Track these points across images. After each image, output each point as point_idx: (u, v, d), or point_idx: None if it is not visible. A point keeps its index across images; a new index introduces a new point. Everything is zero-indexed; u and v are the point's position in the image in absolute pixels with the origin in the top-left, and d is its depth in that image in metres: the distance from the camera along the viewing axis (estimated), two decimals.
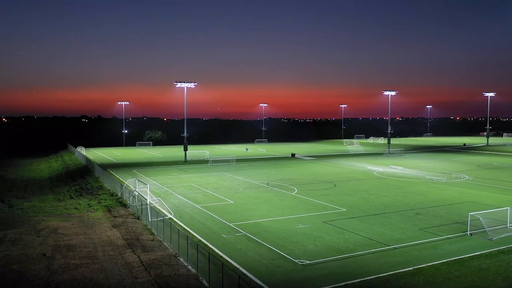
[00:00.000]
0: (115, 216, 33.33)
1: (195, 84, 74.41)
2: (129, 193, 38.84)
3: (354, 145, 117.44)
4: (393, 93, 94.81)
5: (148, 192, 37.73)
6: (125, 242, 26.29)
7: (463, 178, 54.02)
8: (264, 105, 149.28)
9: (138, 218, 32.46)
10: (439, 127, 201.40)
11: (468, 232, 27.85)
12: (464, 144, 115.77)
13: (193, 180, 52.41)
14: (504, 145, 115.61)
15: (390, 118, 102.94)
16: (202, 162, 73.77)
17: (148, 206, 32.44)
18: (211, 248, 24.76)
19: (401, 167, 64.41)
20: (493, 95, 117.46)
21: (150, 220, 30.44)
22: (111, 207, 36.90)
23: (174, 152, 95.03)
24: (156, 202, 36.96)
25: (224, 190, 45.30)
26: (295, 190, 44.74)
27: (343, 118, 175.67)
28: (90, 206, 37.85)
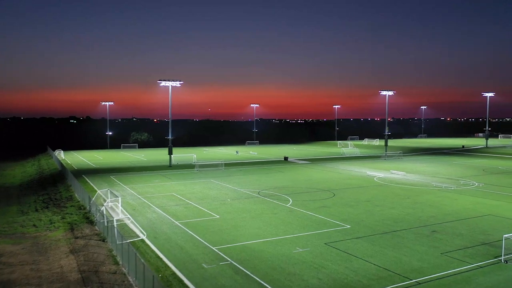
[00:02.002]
0: (77, 237, 27.91)
1: (181, 82, 69.00)
2: (99, 207, 33.39)
3: (349, 147, 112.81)
4: (390, 93, 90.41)
5: (120, 206, 32.36)
6: (80, 276, 20.94)
7: (472, 185, 49.42)
8: (255, 105, 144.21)
9: (103, 240, 27.08)
10: (431, 128, 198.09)
11: (503, 259, 22.98)
12: (463, 146, 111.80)
13: (176, 189, 47.05)
14: (504, 147, 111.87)
15: (382, 119, 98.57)
16: (189, 167, 68.35)
17: (116, 226, 27.09)
18: (187, 286, 19.54)
19: (403, 172, 59.68)
20: (493, 95, 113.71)
21: (117, 242, 25.12)
22: (75, 224, 31.43)
23: (160, 155, 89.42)
24: (128, 219, 31.60)
25: (210, 201, 40.03)
26: (290, 201, 39.63)
27: (335, 119, 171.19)
28: (51, 223, 32.34)
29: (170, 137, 69.85)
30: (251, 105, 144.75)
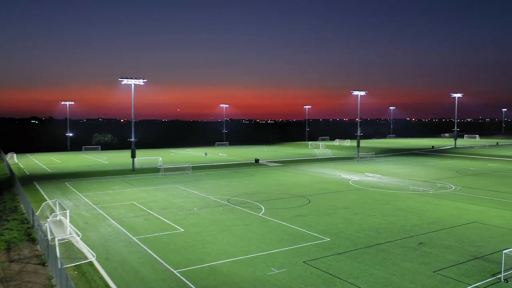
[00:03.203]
0: (12, 260, 23.51)
1: (144, 80, 64.41)
2: (46, 221, 28.91)
3: (320, 148, 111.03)
4: (362, 93, 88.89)
5: (68, 221, 28.07)
6: None
7: (449, 188, 47.77)
8: (225, 106, 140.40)
9: (43, 264, 22.84)
10: (398, 128, 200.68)
11: (502, 277, 20.49)
12: (433, 147, 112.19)
13: (137, 196, 42.83)
14: (472, 147, 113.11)
15: (351, 120, 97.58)
16: (153, 170, 63.91)
17: (57, 247, 22.93)
18: None
19: (378, 175, 57.65)
20: (461, 95, 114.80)
21: (59, 267, 21.00)
22: (14, 243, 26.90)
23: (123, 158, 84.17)
24: (77, 235, 27.38)
25: (174, 210, 36.17)
26: (262, 210, 36.33)
27: (306, 120, 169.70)
28: None
29: (133, 139, 65.15)
30: (221, 105, 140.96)
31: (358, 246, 25.83)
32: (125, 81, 63.73)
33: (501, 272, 20.80)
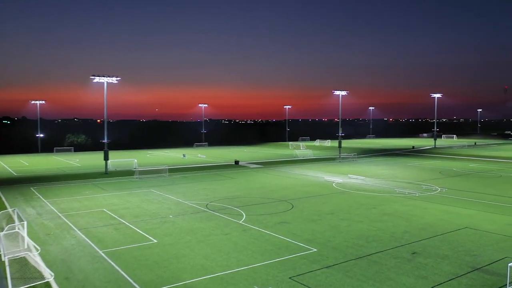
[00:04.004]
0: None
1: (118, 78, 61.03)
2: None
3: (301, 148, 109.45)
4: (344, 92, 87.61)
5: (25, 235, 25.02)
6: None
7: (435, 190, 46.49)
8: (204, 105, 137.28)
9: None
10: (377, 128, 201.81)
11: None
12: (413, 147, 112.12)
13: (108, 202, 39.81)
14: (451, 147, 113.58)
15: (329, 120, 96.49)
16: (128, 173, 60.70)
17: (7, 266, 20.00)
18: None
19: (362, 177, 56.06)
20: (440, 96, 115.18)
21: None
22: None
23: (97, 160, 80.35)
24: (35, 251, 24.40)
25: (148, 218, 33.42)
26: (243, 216, 33.97)
27: (285, 120, 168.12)
28: None
29: (105, 140, 61.70)
30: (199, 105, 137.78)
31: (347, 258, 23.75)
32: (97, 79, 60.22)
33: (505, 285, 19.06)
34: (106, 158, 61.15)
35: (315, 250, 25.18)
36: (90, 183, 52.53)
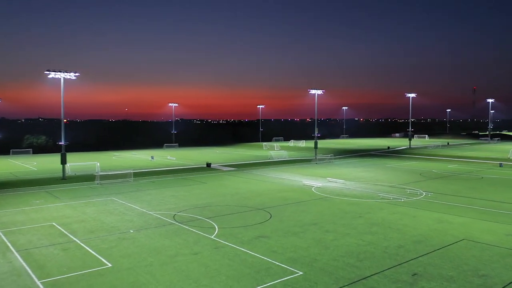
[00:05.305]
0: None
1: (76, 74, 55.44)
2: None
3: (276, 149, 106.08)
4: (319, 91, 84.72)
5: None
6: None
7: (420, 194, 43.78)
8: (174, 105, 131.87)
9: None
10: (348, 128, 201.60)
11: None
12: (388, 148, 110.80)
13: (60, 214, 34.76)
14: (426, 147, 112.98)
15: (302, 120, 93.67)
16: (88, 178, 55.30)
17: None
18: None
19: (342, 180, 52.94)
20: (414, 95, 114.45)
21: None
22: None
23: (56, 163, 74.00)
24: None
25: (104, 234, 28.75)
26: (215, 229, 29.83)
27: (258, 120, 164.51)
28: None
29: (62, 142, 55.99)
30: (170, 104, 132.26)
31: (339, 283, 20.07)
32: (52, 74, 54.44)
33: None
34: (63, 161, 55.51)
35: (301, 273, 21.37)
36: (44, 190, 47.02)
